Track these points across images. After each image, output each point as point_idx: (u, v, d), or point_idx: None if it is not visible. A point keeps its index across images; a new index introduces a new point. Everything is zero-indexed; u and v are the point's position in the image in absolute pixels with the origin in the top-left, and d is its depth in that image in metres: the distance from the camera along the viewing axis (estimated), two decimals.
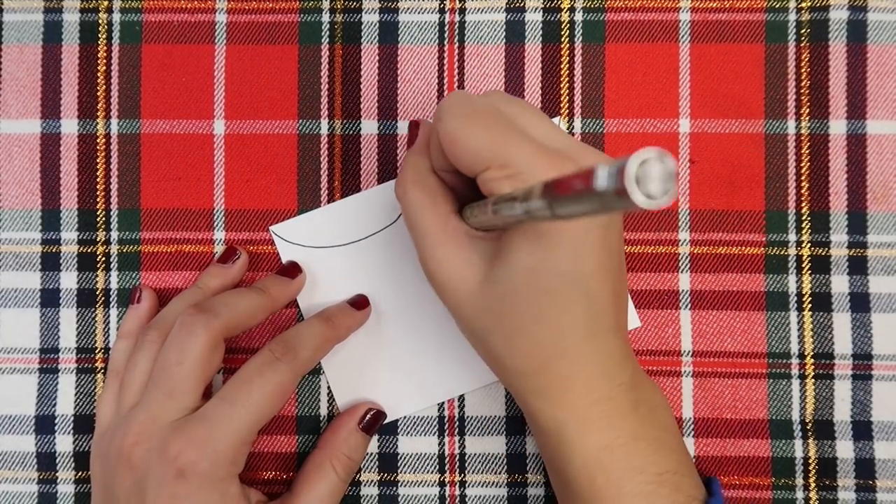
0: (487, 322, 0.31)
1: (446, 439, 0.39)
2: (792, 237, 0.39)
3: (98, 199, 0.40)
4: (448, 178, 0.32)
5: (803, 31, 0.39)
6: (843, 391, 0.39)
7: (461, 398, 0.39)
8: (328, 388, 0.39)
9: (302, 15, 0.40)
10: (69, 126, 0.40)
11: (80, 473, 0.39)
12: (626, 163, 0.18)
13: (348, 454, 0.37)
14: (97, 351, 0.39)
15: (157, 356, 0.34)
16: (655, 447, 0.32)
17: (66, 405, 0.39)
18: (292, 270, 0.38)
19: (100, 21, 0.40)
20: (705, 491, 0.33)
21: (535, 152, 0.29)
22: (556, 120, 0.39)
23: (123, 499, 0.33)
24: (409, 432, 0.39)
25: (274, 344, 0.35)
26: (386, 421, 0.39)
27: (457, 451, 0.39)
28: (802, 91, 0.39)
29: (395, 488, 0.39)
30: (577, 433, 0.31)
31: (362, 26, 0.40)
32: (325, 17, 0.40)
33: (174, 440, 0.32)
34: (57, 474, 0.39)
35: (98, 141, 0.40)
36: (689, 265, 0.39)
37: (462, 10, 0.40)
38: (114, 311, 0.39)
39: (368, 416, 0.38)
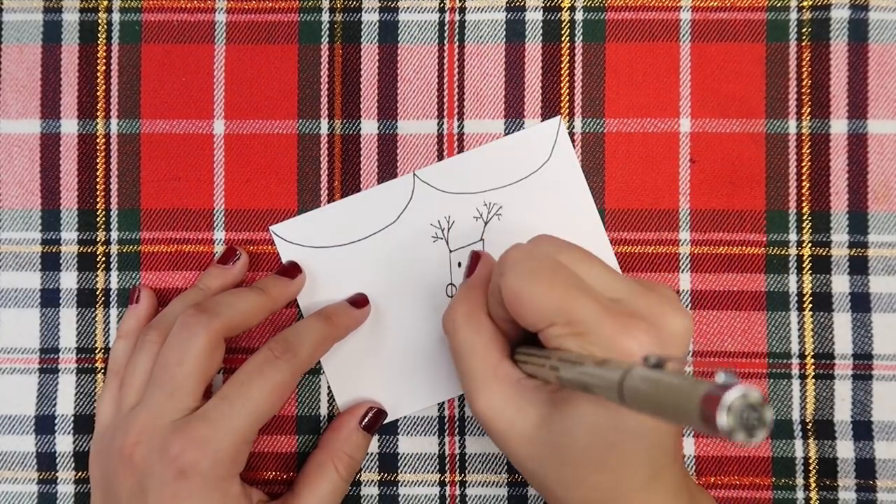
0: (544, 467, 0.30)
1: (446, 439, 0.39)
2: (793, 237, 0.39)
3: (98, 199, 0.40)
4: (502, 325, 0.32)
5: (804, 30, 0.39)
6: (843, 391, 0.39)
7: (461, 398, 0.39)
8: (328, 387, 0.39)
9: (302, 14, 0.40)
10: (69, 126, 0.40)
11: (80, 473, 0.39)
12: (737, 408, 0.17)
13: (350, 453, 0.37)
14: (97, 351, 0.39)
15: (158, 356, 0.34)
16: None
17: (66, 405, 0.39)
18: (292, 270, 0.38)
19: (99, 21, 0.40)
20: None
21: (601, 311, 0.28)
22: (555, 119, 0.39)
23: (125, 499, 0.33)
24: (409, 432, 0.39)
25: (273, 342, 0.35)
26: (386, 420, 0.39)
27: (457, 451, 0.39)
28: (803, 90, 0.39)
29: (395, 488, 0.39)
30: None
31: (362, 26, 0.40)
32: (325, 17, 0.40)
33: (175, 440, 0.32)
34: (57, 474, 0.39)
35: (98, 141, 0.40)
36: (689, 265, 0.39)
37: (462, 10, 0.40)
38: (114, 311, 0.39)
39: (369, 415, 0.38)
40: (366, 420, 0.37)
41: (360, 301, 0.38)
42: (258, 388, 0.33)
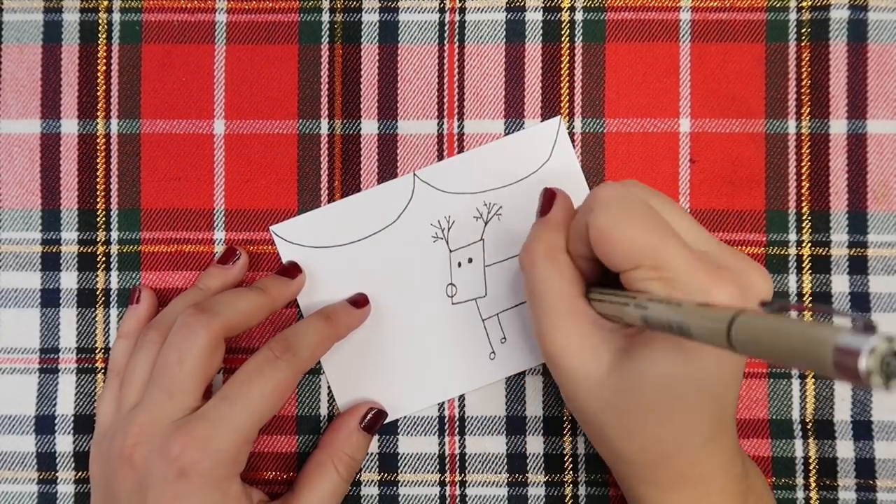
0: (607, 413, 0.30)
1: (447, 439, 0.39)
2: (792, 237, 0.39)
3: (98, 199, 0.40)
4: (580, 263, 0.32)
5: (804, 30, 0.39)
6: (843, 391, 0.39)
7: (461, 398, 0.39)
8: (328, 387, 0.39)
9: (302, 14, 0.40)
10: (69, 126, 0.40)
11: (80, 473, 0.39)
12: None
13: (350, 454, 0.37)
14: (97, 351, 0.39)
15: (157, 356, 0.34)
16: None
17: (66, 405, 0.39)
18: (292, 270, 0.38)
19: (99, 21, 0.40)
20: None
21: (693, 260, 0.28)
22: (555, 120, 0.39)
23: (124, 499, 0.33)
24: (409, 432, 0.39)
25: (274, 343, 0.34)
26: (386, 420, 0.39)
27: (457, 451, 0.39)
28: (803, 90, 0.39)
29: (395, 488, 0.39)
30: None
31: (362, 26, 0.40)
32: (325, 17, 0.40)
33: (175, 440, 0.32)
34: (57, 474, 0.39)
35: (98, 141, 0.40)
36: None
37: (462, 10, 0.40)
38: (114, 311, 0.39)
39: (370, 415, 0.38)
40: (366, 420, 0.37)
41: (360, 301, 0.38)
42: (258, 387, 0.33)
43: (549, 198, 0.34)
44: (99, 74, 0.40)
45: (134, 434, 0.33)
